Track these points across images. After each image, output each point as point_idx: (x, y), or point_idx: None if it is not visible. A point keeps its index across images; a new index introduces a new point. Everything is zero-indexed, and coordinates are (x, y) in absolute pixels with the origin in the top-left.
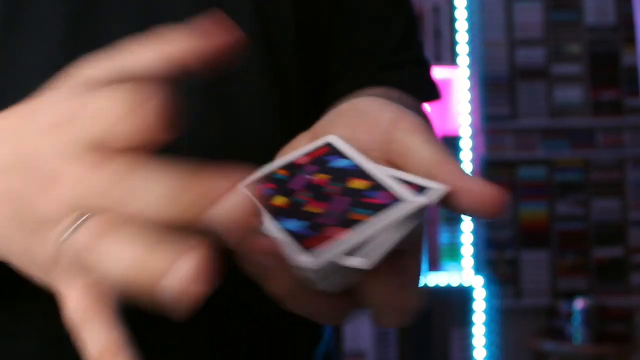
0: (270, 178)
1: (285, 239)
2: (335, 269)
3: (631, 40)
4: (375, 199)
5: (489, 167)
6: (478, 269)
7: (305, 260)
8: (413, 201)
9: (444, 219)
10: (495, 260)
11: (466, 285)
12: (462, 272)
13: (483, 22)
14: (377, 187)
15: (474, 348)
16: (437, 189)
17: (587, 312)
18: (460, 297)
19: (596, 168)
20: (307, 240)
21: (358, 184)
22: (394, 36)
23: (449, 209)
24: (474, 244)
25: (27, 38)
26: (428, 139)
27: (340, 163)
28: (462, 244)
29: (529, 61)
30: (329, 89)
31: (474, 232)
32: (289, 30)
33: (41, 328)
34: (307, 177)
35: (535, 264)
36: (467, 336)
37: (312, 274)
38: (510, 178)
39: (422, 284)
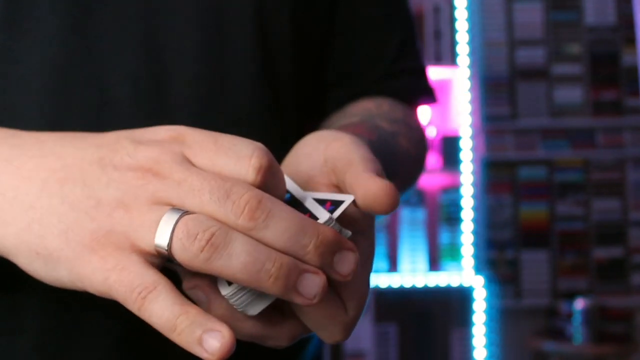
0: None
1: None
2: (247, 292)
3: (631, 40)
4: None
5: (489, 167)
6: (478, 269)
7: (221, 287)
8: (321, 218)
9: (444, 219)
10: (495, 260)
11: (466, 285)
12: (462, 272)
13: (483, 22)
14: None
15: (474, 348)
16: (345, 201)
17: (587, 312)
18: (460, 297)
19: (596, 168)
20: None
21: None
22: (392, 47)
23: (367, 213)
24: (474, 244)
25: (28, 38)
26: (346, 151)
27: None
28: (462, 244)
29: (529, 61)
30: (328, 94)
31: (474, 232)
32: (286, 37)
33: (38, 323)
34: None
35: (535, 264)
36: (467, 336)
37: (229, 299)
38: (510, 178)
39: (364, 295)
